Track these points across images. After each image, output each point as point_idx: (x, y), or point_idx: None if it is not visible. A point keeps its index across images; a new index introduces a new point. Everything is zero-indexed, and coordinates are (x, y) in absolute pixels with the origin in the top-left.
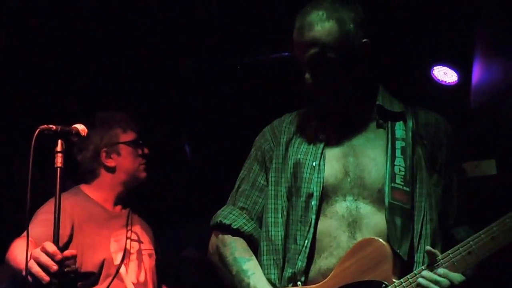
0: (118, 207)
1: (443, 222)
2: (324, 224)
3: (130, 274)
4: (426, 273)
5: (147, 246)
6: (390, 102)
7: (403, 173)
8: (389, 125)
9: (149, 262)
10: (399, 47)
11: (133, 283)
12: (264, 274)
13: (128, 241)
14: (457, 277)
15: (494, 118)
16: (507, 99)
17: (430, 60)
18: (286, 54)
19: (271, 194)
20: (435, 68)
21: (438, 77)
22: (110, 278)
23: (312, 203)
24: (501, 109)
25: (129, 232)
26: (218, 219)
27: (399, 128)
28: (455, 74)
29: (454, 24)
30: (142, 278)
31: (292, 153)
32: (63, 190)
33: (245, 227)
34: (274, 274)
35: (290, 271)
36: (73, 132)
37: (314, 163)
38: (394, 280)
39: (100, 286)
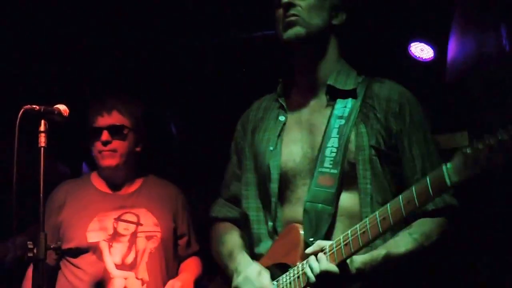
0: (118, 190)
1: None
2: (290, 211)
3: (114, 254)
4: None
5: (148, 228)
6: (345, 79)
7: (334, 154)
8: (336, 103)
9: (145, 244)
10: (376, 24)
11: (115, 264)
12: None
13: (121, 223)
14: (331, 267)
15: (466, 92)
16: (479, 73)
17: (407, 37)
18: (271, 32)
19: (248, 182)
20: (412, 44)
21: (415, 54)
22: (84, 255)
23: (272, 186)
24: (473, 83)
25: (126, 214)
26: (209, 213)
27: (343, 106)
28: (432, 50)
29: (431, 1)
30: (129, 260)
31: (258, 140)
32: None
33: (229, 214)
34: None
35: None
36: (56, 112)
37: (271, 147)
38: (297, 263)
39: (76, 261)
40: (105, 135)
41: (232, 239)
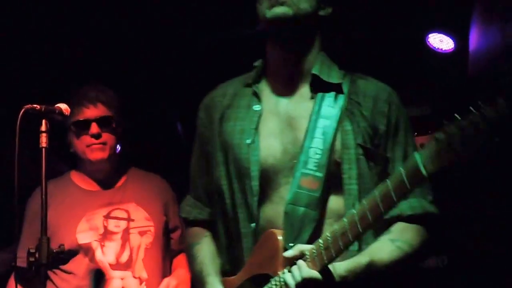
0: (103, 186)
1: None
2: (272, 211)
3: (107, 254)
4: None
5: (141, 223)
6: (328, 71)
7: (319, 156)
8: (319, 98)
9: (139, 240)
10: (394, 15)
11: (110, 264)
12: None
13: (111, 220)
14: (313, 274)
15: (492, 84)
16: (505, 64)
17: (425, 27)
18: None
19: (221, 176)
20: (430, 35)
21: (433, 45)
22: (76, 258)
23: (252, 184)
24: (499, 75)
25: (115, 210)
26: (179, 213)
27: (327, 104)
28: (452, 41)
29: None
30: (124, 258)
31: (228, 131)
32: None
33: (200, 216)
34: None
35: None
36: (57, 111)
37: (248, 140)
38: (279, 273)
39: (66, 267)
40: (94, 128)
41: (202, 253)
